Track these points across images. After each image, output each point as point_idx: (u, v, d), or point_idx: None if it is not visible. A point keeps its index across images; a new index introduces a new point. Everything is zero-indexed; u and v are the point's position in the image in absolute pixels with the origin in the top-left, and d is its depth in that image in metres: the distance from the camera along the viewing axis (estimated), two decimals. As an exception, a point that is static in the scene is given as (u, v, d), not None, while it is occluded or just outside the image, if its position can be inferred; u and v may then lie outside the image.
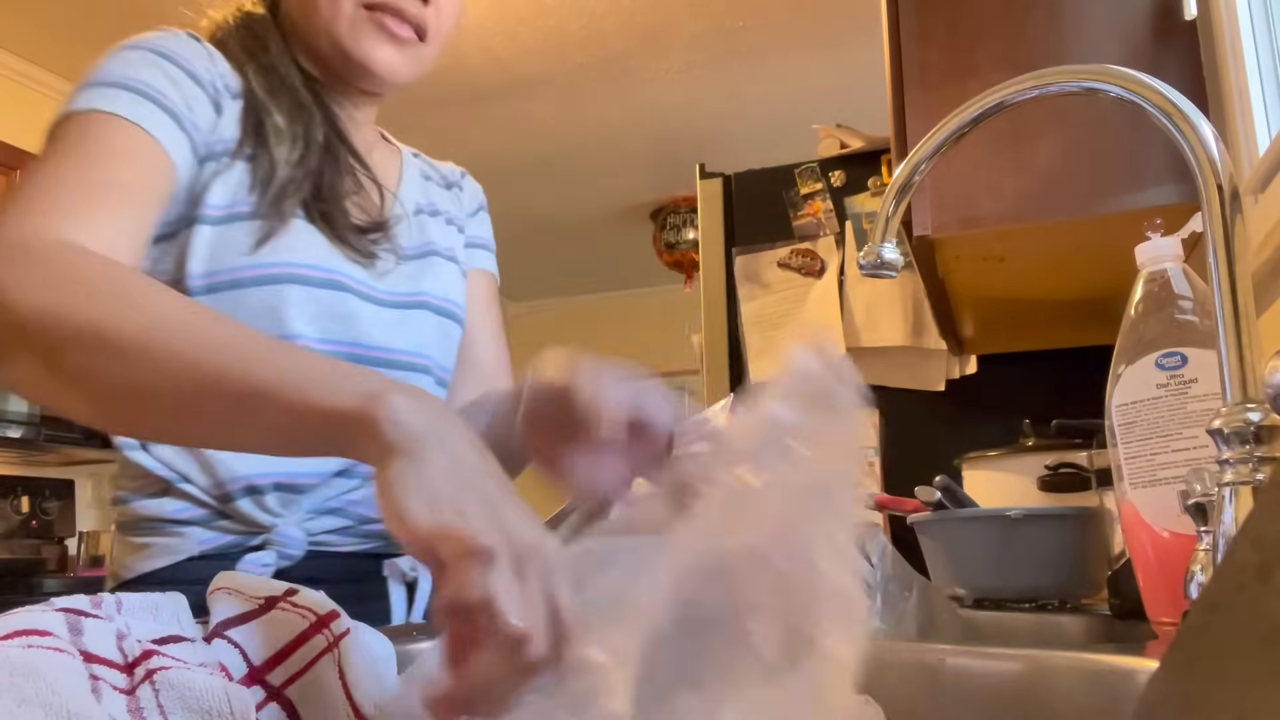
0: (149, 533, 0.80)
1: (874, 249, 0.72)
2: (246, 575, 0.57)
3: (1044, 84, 0.66)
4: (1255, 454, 0.55)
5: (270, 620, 0.49)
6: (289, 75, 0.86)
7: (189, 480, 0.80)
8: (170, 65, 0.77)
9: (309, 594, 0.52)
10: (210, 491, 0.79)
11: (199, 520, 0.80)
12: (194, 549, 0.79)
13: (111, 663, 0.41)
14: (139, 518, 0.81)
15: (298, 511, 0.81)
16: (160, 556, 0.79)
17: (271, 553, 0.78)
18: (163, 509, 0.80)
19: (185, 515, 0.80)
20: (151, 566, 0.79)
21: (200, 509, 0.80)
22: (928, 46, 1.30)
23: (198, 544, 0.79)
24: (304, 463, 0.79)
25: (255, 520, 0.79)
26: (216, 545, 0.80)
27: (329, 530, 0.82)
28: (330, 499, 0.83)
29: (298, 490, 0.81)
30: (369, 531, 0.85)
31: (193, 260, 0.77)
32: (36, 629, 0.40)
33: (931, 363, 2.03)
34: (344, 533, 0.83)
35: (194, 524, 0.80)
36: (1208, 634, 0.24)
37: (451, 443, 0.44)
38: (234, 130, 0.80)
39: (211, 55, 0.82)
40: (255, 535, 0.80)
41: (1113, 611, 0.85)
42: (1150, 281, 0.78)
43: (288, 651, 0.48)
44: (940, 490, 1.19)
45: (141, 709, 0.39)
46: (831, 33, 3.28)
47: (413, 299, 0.88)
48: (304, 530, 0.80)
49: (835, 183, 2.16)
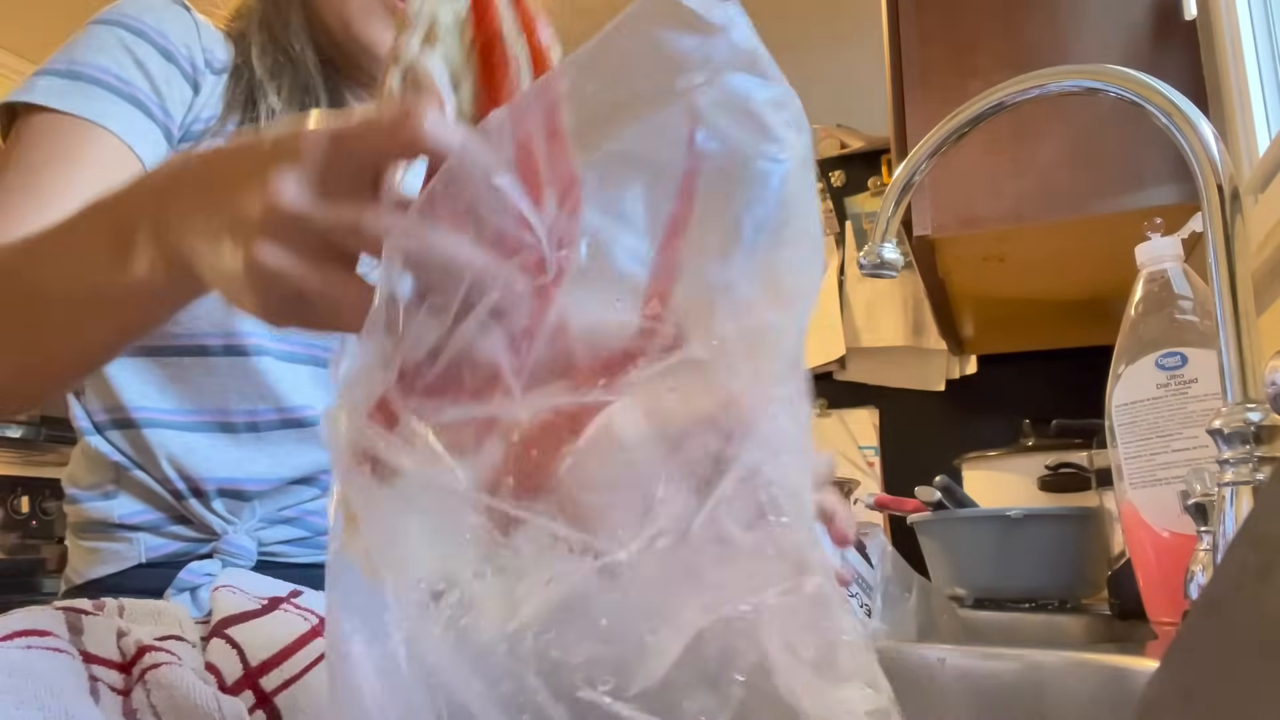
0: (98, 537, 0.76)
1: (874, 249, 0.72)
2: (252, 574, 0.57)
3: (1044, 84, 0.66)
4: (1255, 454, 0.55)
5: (272, 621, 0.49)
6: (302, 55, 0.81)
7: (143, 469, 0.75)
8: (141, 42, 0.73)
9: (313, 595, 0.52)
10: (164, 485, 0.75)
11: (148, 526, 0.76)
12: (141, 555, 0.75)
13: (110, 662, 0.41)
14: (89, 520, 0.77)
15: (249, 519, 0.77)
16: (109, 562, 0.75)
17: (216, 561, 0.74)
18: (112, 511, 0.76)
19: (135, 520, 0.76)
20: (99, 573, 0.75)
21: (152, 512, 0.76)
22: (928, 46, 1.30)
23: (146, 550, 0.75)
24: (251, 469, 0.76)
25: (207, 525, 0.75)
26: (165, 553, 0.75)
27: (283, 540, 0.78)
28: (285, 508, 0.79)
29: (243, 497, 0.77)
30: (326, 543, 0.83)
31: None
32: (36, 629, 0.40)
33: (931, 363, 2.03)
34: (299, 544, 0.79)
35: (143, 529, 0.76)
36: (1208, 634, 0.24)
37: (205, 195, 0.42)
38: (216, 107, 0.76)
39: (198, 25, 0.78)
40: (205, 543, 0.75)
41: (1113, 611, 0.85)
42: (1150, 281, 0.78)
43: (287, 654, 0.48)
44: (940, 490, 1.19)
45: (135, 711, 0.39)
46: (831, 33, 3.28)
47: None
48: (255, 539, 0.76)
49: (835, 183, 2.16)
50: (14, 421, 2.90)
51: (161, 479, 0.74)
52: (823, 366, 2.10)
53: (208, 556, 0.74)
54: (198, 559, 0.74)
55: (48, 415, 2.98)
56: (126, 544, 0.75)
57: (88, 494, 0.77)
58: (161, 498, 0.75)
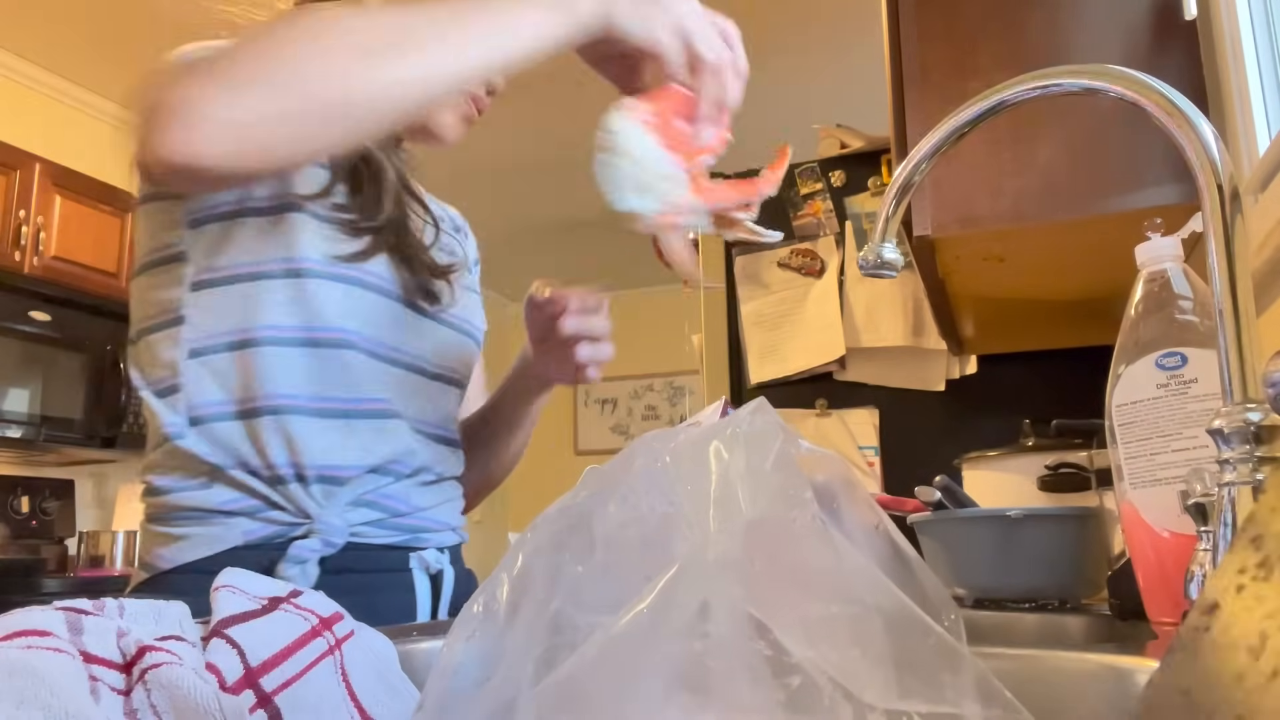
0: (190, 523, 0.82)
1: (874, 249, 0.72)
2: (251, 574, 0.57)
3: (1044, 84, 0.66)
4: (1255, 454, 0.55)
5: (272, 620, 0.49)
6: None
7: (244, 465, 0.82)
8: None
9: (312, 596, 0.52)
10: (262, 474, 0.82)
11: (246, 511, 0.82)
12: (238, 539, 0.81)
13: (110, 663, 0.41)
14: (178, 507, 0.82)
15: (338, 503, 0.84)
16: (202, 546, 0.81)
17: (317, 540, 0.81)
18: (208, 499, 0.82)
19: (232, 506, 0.82)
20: (192, 556, 0.81)
21: (250, 499, 0.82)
22: (928, 46, 1.30)
23: (242, 534, 0.82)
24: (347, 455, 0.84)
25: (302, 508, 0.82)
26: (260, 536, 0.82)
27: (364, 522, 0.86)
28: (366, 492, 0.86)
29: (339, 482, 0.84)
30: (399, 525, 0.89)
31: (304, 246, 0.82)
32: (36, 629, 0.40)
33: (931, 363, 2.03)
34: (377, 525, 0.87)
35: (240, 514, 0.82)
36: (1208, 634, 0.24)
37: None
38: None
39: None
40: (298, 526, 0.82)
41: (1113, 611, 0.85)
42: (1150, 281, 0.78)
43: (287, 653, 0.48)
44: (940, 490, 1.19)
45: (135, 710, 0.39)
46: (831, 33, 3.28)
47: (463, 326, 0.98)
48: (344, 520, 0.84)
49: (835, 183, 2.16)
50: (14, 421, 2.90)
51: (267, 466, 0.82)
52: (823, 366, 2.10)
53: (302, 538, 0.82)
54: (292, 540, 0.82)
55: (48, 415, 2.98)
56: (224, 528, 0.82)
57: (181, 485, 0.83)
58: (255, 488, 0.82)
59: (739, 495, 0.36)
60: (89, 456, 3.33)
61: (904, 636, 0.34)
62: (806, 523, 0.37)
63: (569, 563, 0.37)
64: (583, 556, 0.37)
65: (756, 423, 0.39)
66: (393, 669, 0.51)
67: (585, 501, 0.39)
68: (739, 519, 0.35)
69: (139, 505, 0.88)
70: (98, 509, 3.55)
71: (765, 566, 0.35)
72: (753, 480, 0.37)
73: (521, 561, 0.39)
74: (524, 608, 0.37)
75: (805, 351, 2.12)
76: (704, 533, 0.35)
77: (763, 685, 0.32)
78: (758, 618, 0.33)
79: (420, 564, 0.89)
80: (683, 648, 0.32)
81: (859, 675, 0.32)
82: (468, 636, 0.38)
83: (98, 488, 3.56)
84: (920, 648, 0.34)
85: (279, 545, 0.81)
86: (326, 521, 0.82)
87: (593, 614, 0.35)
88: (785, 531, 0.36)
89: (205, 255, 0.82)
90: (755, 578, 0.34)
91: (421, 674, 0.56)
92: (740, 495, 0.36)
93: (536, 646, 0.35)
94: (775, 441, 0.38)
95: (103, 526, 3.46)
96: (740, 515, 0.36)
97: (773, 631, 0.33)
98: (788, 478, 0.37)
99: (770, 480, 0.37)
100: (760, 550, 0.35)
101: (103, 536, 3.23)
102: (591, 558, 0.37)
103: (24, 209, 3.01)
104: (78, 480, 3.44)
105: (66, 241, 3.13)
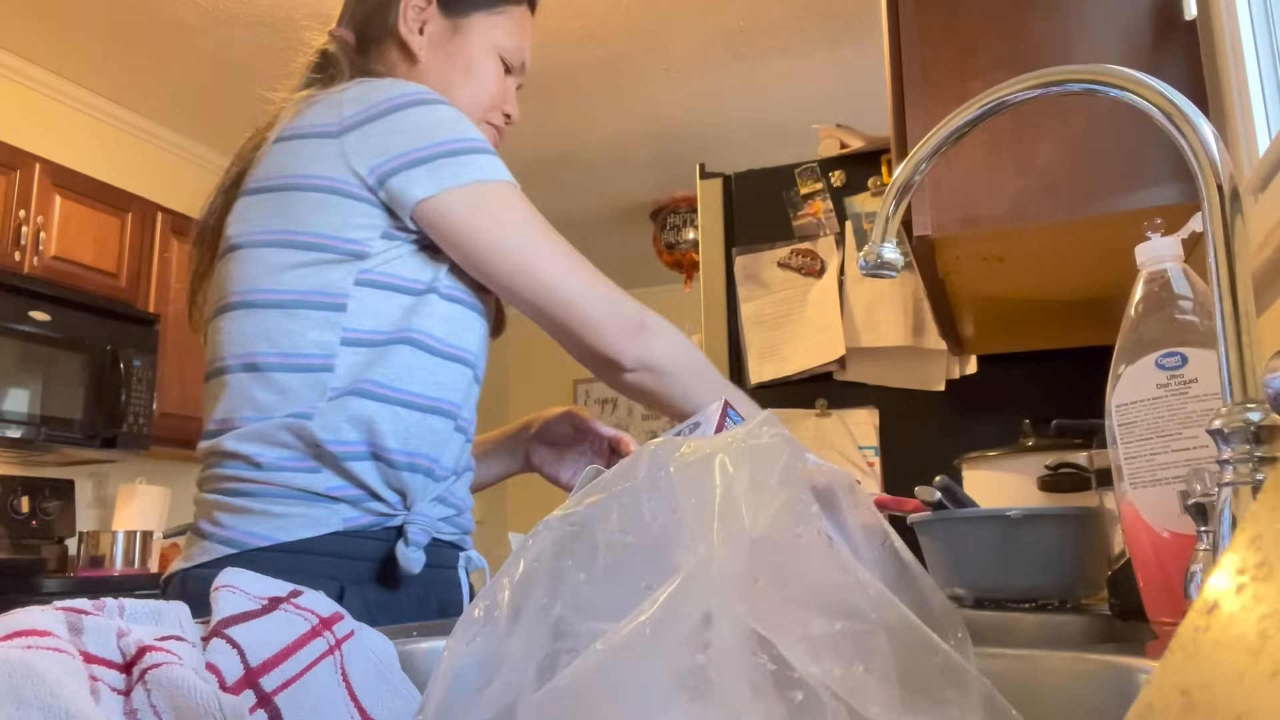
0: (293, 502, 0.86)
1: (874, 249, 0.72)
2: (251, 574, 0.57)
3: (1044, 84, 0.66)
4: (1255, 454, 0.55)
5: (272, 620, 0.49)
6: None
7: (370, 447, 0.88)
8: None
9: (312, 595, 0.52)
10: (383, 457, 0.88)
11: (349, 498, 0.88)
12: (338, 524, 0.87)
13: (110, 663, 0.41)
14: (282, 485, 0.87)
15: (428, 497, 0.92)
16: (306, 527, 0.86)
17: (417, 529, 0.89)
18: (314, 483, 0.87)
19: (338, 492, 0.87)
20: (295, 536, 0.86)
21: (354, 488, 0.88)
22: (928, 46, 1.30)
23: (342, 520, 0.87)
24: (446, 454, 0.93)
25: (406, 495, 0.90)
26: (359, 524, 0.88)
27: (439, 517, 0.94)
28: (444, 491, 0.95)
29: (436, 478, 0.93)
30: (458, 522, 0.97)
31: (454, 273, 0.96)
32: (36, 629, 0.40)
33: (931, 363, 2.03)
34: (447, 520, 0.95)
35: (344, 501, 0.87)
36: (1208, 634, 0.24)
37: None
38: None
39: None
40: (393, 517, 0.89)
41: (1113, 611, 0.85)
42: (1150, 281, 0.78)
43: (287, 653, 0.48)
44: (940, 490, 1.19)
45: (135, 710, 0.39)
46: (831, 33, 3.28)
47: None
48: (431, 515, 0.92)
49: (835, 183, 2.16)
50: (14, 421, 2.90)
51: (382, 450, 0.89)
52: (823, 366, 2.10)
53: (395, 529, 0.89)
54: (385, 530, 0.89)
55: (48, 415, 2.98)
56: (328, 511, 0.87)
57: (291, 463, 0.88)
58: (361, 478, 0.88)
59: (742, 509, 0.36)
60: (89, 456, 3.33)
61: (909, 653, 0.34)
62: (812, 538, 0.37)
63: (571, 569, 0.37)
64: (585, 563, 0.37)
65: (763, 436, 0.39)
66: (393, 669, 0.51)
67: (588, 508, 0.39)
68: (743, 534, 0.35)
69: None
70: (98, 509, 3.55)
71: (770, 581, 0.35)
72: (757, 495, 0.37)
73: (523, 567, 0.39)
74: (525, 613, 0.37)
75: (805, 351, 2.12)
76: (708, 546, 0.35)
77: (765, 699, 0.32)
78: (761, 632, 0.33)
79: (467, 563, 0.98)
80: (685, 659, 0.32)
81: (863, 691, 0.32)
82: (469, 641, 0.38)
83: (98, 488, 3.56)
84: (926, 665, 0.34)
85: (375, 534, 0.87)
86: (421, 513, 0.90)
87: (594, 620, 0.35)
88: (791, 547, 0.36)
89: (380, 261, 0.91)
90: (759, 592, 0.34)
91: (422, 674, 0.56)
92: (744, 509, 0.36)
93: (537, 652, 0.35)
94: (781, 456, 0.38)
95: (102, 526, 3.46)
96: (744, 529, 0.36)
97: (776, 646, 0.33)
98: (794, 493, 0.37)
99: (776, 495, 0.37)
100: (765, 565, 0.35)
101: (102, 536, 3.23)
102: (594, 565, 0.37)
103: (24, 209, 3.01)
104: (78, 480, 3.44)
105: (66, 241, 3.13)
